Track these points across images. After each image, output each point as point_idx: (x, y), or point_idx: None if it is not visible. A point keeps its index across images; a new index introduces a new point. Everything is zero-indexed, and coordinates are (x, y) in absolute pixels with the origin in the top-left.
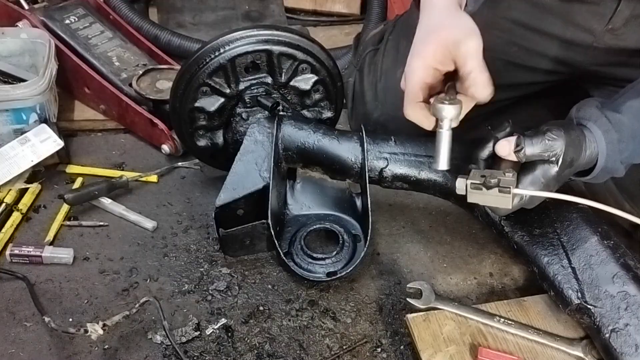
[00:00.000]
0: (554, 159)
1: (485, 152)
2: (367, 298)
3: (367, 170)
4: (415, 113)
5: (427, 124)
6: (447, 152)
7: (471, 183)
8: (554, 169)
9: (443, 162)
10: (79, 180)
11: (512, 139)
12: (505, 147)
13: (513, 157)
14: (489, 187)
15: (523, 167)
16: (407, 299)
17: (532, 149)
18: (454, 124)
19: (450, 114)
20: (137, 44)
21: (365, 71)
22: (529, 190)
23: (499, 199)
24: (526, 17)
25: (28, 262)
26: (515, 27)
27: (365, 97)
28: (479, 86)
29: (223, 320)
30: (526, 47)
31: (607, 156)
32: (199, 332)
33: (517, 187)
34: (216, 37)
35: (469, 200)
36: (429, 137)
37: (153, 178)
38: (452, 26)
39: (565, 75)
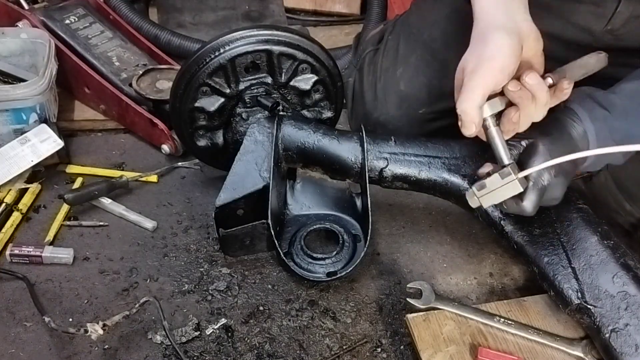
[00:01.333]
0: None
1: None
2: (367, 298)
3: (367, 170)
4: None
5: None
6: (502, 148)
7: (475, 186)
8: (540, 147)
9: (503, 157)
10: (79, 180)
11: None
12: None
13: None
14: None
15: (518, 164)
16: (407, 299)
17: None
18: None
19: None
20: (137, 44)
21: (365, 71)
22: (534, 167)
23: (508, 188)
24: None
25: (28, 262)
26: None
27: (365, 97)
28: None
29: (223, 320)
30: None
31: (596, 134)
32: (199, 332)
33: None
34: (216, 37)
35: (485, 205)
36: (429, 137)
37: (153, 178)
38: (501, 54)
39: None
